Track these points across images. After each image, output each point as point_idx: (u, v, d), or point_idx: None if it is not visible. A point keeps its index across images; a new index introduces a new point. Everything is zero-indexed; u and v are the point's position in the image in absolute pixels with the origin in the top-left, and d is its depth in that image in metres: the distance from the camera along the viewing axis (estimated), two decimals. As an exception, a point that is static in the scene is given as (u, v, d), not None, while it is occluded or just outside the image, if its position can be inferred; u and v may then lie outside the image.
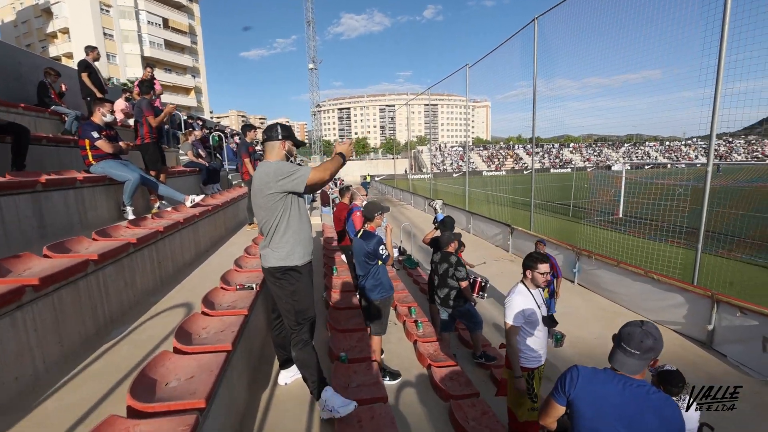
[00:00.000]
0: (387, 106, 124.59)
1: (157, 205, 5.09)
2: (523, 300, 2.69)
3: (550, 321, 2.73)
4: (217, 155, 11.25)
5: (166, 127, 10.27)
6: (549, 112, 9.87)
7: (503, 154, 61.84)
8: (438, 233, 5.13)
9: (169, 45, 44.65)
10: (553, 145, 64.56)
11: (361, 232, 3.30)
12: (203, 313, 2.60)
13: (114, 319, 2.74)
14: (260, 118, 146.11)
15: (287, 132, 2.40)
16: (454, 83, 16.05)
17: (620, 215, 14.08)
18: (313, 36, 54.32)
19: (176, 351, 2.14)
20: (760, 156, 51.76)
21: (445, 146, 67.42)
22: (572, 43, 8.77)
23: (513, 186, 29.03)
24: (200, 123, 14.36)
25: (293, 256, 2.33)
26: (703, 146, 59.88)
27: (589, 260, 7.44)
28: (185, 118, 12.77)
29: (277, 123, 2.43)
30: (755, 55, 4.96)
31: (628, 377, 1.48)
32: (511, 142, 78.63)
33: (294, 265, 2.33)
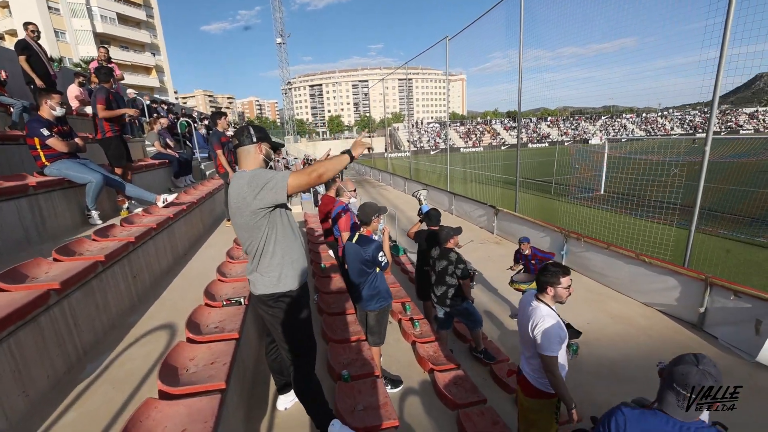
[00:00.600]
0: (360, 81, 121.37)
1: (125, 206, 4.63)
2: (557, 324, 2.39)
3: (574, 333, 2.56)
4: (187, 143, 10.54)
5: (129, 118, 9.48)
6: (525, 84, 9.56)
7: (480, 129, 61.78)
8: (423, 226, 4.93)
9: (123, 19, 40.98)
10: (530, 119, 64.79)
11: (357, 236, 3.04)
12: (189, 340, 2.32)
13: (87, 350, 2.42)
14: (228, 98, 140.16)
15: (261, 133, 2.05)
16: (429, 56, 15.47)
17: (601, 192, 14.32)
18: (279, 6, 51.55)
19: (162, 395, 1.87)
20: (733, 126, 53.55)
21: (422, 123, 66.70)
22: (548, 11, 8.48)
23: (492, 163, 29.10)
24: (165, 108, 13.40)
25: (285, 280, 2.03)
26: (679, 117, 61.62)
27: (578, 242, 7.46)
28: (148, 102, 11.83)
29: (249, 124, 2.09)
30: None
31: (682, 422, 1.33)
32: (488, 117, 78.50)
33: (287, 290, 2.04)
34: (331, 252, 5.17)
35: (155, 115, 9.40)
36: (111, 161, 4.83)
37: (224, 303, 2.76)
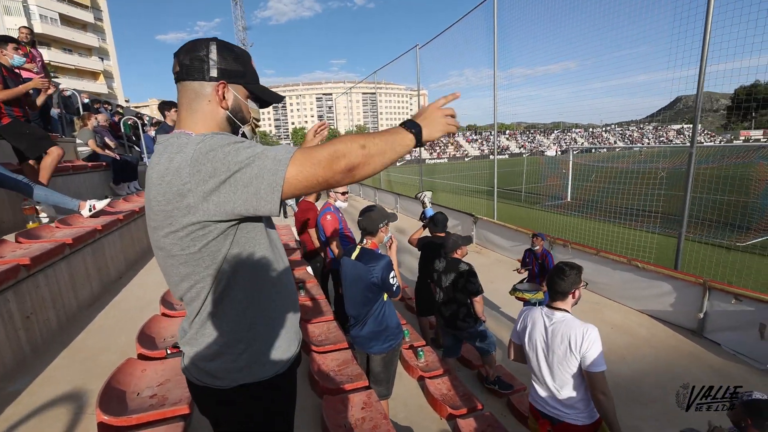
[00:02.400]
0: (324, 94, 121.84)
1: (36, 216, 3.54)
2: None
3: None
4: (135, 146, 9.21)
5: (57, 111, 8.10)
6: (482, 101, 10.37)
7: (444, 141, 63.22)
8: (426, 233, 4.28)
9: (67, 20, 37.71)
10: (490, 132, 67.74)
11: (358, 251, 2.28)
12: (101, 427, 1.43)
13: None
14: None
15: (232, 63, 1.03)
16: (393, 72, 15.41)
17: (568, 199, 14.53)
18: (242, 16, 49.98)
19: None
20: (664, 140, 59.10)
21: (387, 135, 67.35)
22: (503, 36, 9.06)
23: (460, 173, 29.38)
24: (109, 108, 11.88)
25: (259, 358, 1.07)
26: (620, 131, 66.96)
27: (565, 249, 7.14)
28: (87, 101, 10.36)
29: (210, 39, 1.02)
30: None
31: None
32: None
33: (263, 377, 1.07)
34: (309, 268, 4.34)
35: (89, 112, 8.05)
36: (25, 152, 3.70)
37: (168, 352, 1.89)
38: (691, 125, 5.31)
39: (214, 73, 0.99)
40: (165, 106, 4.84)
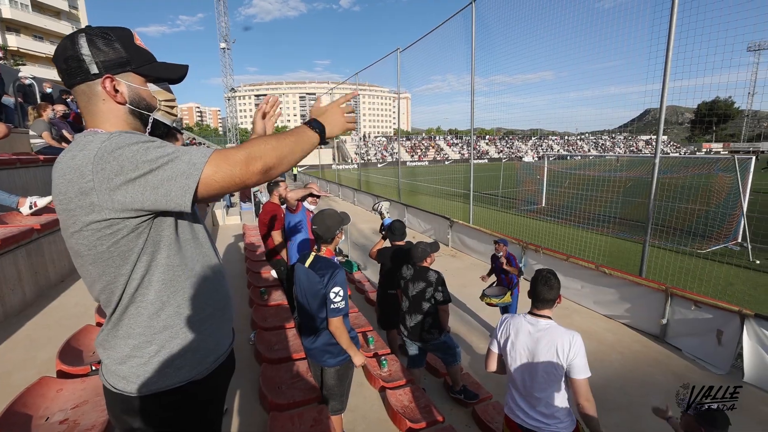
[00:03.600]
0: (308, 94, 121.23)
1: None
2: None
3: None
4: None
5: (12, 99, 7.59)
6: (462, 106, 10.58)
7: (425, 144, 63.79)
8: (387, 244, 4.17)
9: (39, 6, 35.75)
10: (470, 136, 68.79)
11: (312, 258, 2.13)
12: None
13: None
14: None
15: (112, 51, 0.93)
16: (376, 75, 15.53)
17: (543, 205, 14.81)
18: (225, 11, 48.72)
19: None
20: (634, 149, 61.64)
21: (369, 136, 67.40)
22: (481, 45, 9.34)
23: (440, 176, 29.60)
24: (71, 98, 11.25)
25: (178, 361, 1.02)
26: (594, 140, 69.33)
27: (537, 254, 7.22)
28: (50, 90, 9.78)
29: (77, 32, 0.92)
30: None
31: None
32: (433, 134, 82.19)
33: (182, 381, 1.02)
34: (274, 273, 4.16)
35: (45, 102, 7.58)
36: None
37: (93, 368, 1.70)
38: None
39: (93, 69, 0.92)
40: None
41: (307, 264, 2.09)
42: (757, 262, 7.65)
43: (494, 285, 5.00)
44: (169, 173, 0.84)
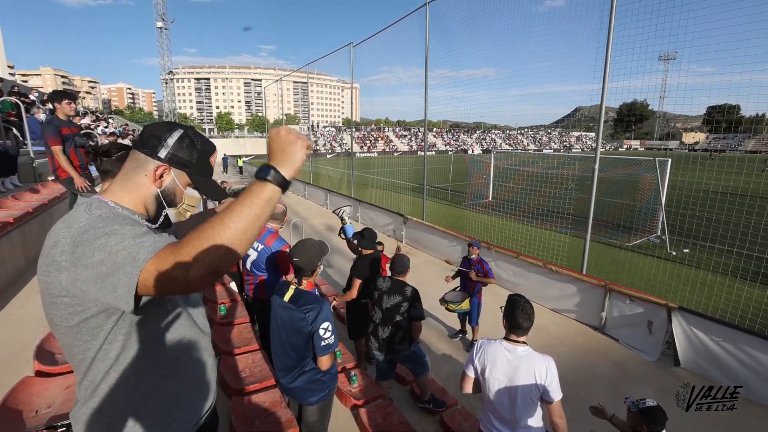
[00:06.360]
0: (253, 80, 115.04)
1: None
2: None
3: None
4: (14, 131, 7.42)
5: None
6: (410, 98, 10.84)
7: (375, 136, 63.69)
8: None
9: None
10: (418, 128, 69.77)
11: (292, 292, 1.95)
12: None
13: None
14: (90, 81, 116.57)
15: (188, 151, 1.03)
16: (325, 64, 15.17)
17: (489, 199, 15.51)
18: (163, -11, 44.14)
19: None
20: (567, 144, 66.87)
21: (318, 126, 65.77)
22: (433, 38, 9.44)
23: (390, 168, 29.78)
24: (49, 106, 9.48)
25: None
26: (532, 135, 74.04)
27: (489, 251, 7.53)
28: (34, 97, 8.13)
29: (182, 126, 1.05)
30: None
31: None
32: (381, 125, 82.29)
33: None
34: (233, 284, 3.84)
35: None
36: None
37: (35, 419, 1.39)
38: (589, 132, 6.00)
39: (162, 154, 1.01)
40: (56, 97, 3.88)
41: (286, 298, 1.90)
42: (674, 253, 8.67)
43: (457, 289, 5.08)
44: (112, 267, 0.81)
